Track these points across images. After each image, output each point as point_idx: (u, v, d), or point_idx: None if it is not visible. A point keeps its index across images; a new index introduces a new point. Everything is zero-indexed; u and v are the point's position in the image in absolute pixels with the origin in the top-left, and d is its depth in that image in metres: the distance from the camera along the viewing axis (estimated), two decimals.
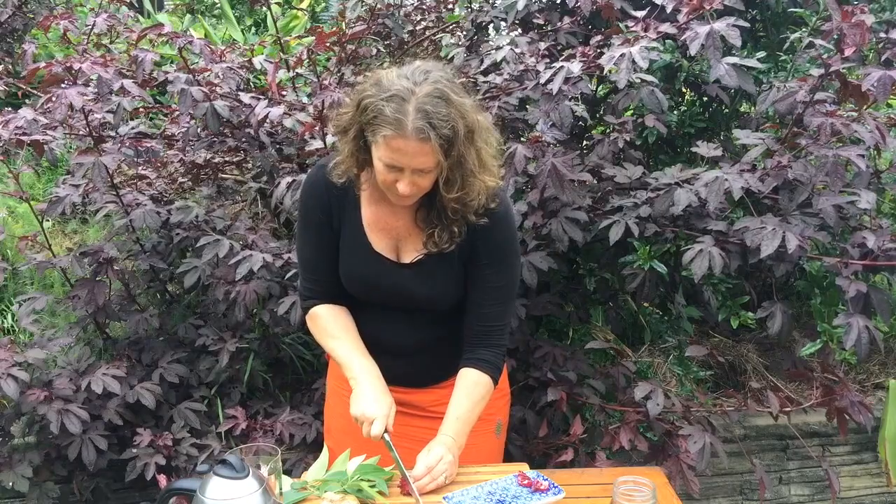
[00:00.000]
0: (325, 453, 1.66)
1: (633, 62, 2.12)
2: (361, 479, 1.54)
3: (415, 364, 1.77)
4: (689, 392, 2.93)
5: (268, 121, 2.58)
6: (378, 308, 1.73)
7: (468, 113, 1.49)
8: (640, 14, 2.31)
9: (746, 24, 2.11)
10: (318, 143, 2.50)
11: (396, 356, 1.75)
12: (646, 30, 2.21)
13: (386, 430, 1.57)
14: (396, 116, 1.42)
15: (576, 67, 2.22)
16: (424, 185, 1.53)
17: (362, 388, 1.63)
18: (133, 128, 2.78)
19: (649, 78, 2.28)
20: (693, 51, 2.08)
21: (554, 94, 2.21)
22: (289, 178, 2.41)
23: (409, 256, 1.68)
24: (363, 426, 1.58)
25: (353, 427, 1.65)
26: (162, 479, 1.90)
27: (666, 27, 2.20)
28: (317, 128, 2.52)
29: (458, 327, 1.74)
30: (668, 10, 2.25)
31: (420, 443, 1.65)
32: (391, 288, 1.69)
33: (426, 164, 1.47)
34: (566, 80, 2.21)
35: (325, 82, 2.83)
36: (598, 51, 2.31)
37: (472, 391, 1.69)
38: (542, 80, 2.29)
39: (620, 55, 2.15)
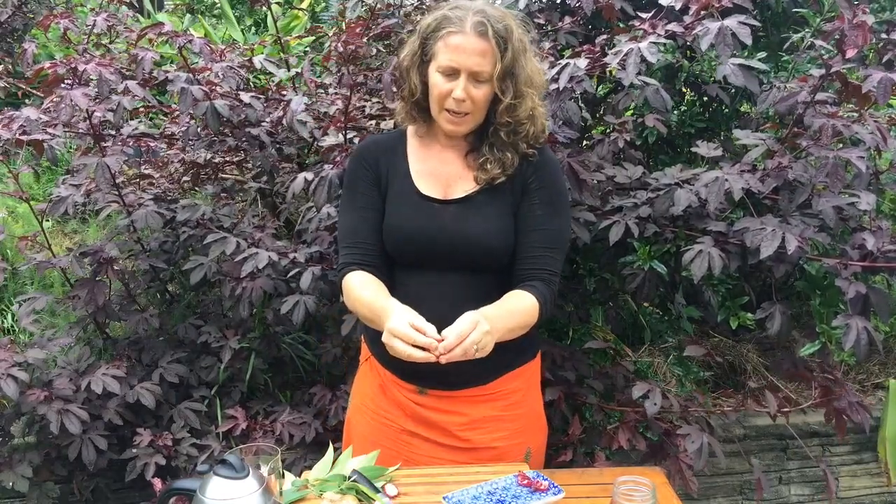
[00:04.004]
0: (329, 452, 1.66)
1: (642, 58, 2.12)
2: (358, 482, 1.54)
3: None
4: (688, 392, 2.93)
5: (288, 113, 2.58)
6: (420, 274, 1.67)
7: (518, 27, 1.63)
8: (641, 14, 2.31)
9: (757, 23, 2.10)
10: (332, 140, 2.49)
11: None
12: (653, 28, 2.22)
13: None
14: (458, 15, 1.58)
15: (582, 63, 2.22)
16: (478, 96, 1.59)
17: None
18: (135, 128, 2.78)
19: (651, 81, 2.28)
20: (704, 46, 2.07)
21: (560, 90, 2.21)
22: (308, 175, 2.38)
23: (459, 196, 1.68)
24: (397, 346, 1.43)
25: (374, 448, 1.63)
26: (157, 483, 1.90)
27: (673, 26, 2.20)
28: (340, 123, 2.52)
29: None
30: (678, 7, 2.25)
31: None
32: (439, 233, 1.64)
33: (482, 66, 1.56)
34: (571, 78, 2.21)
35: (326, 82, 2.84)
36: (603, 50, 2.31)
37: (512, 297, 1.62)
38: (548, 78, 2.29)
39: (629, 50, 2.15)
